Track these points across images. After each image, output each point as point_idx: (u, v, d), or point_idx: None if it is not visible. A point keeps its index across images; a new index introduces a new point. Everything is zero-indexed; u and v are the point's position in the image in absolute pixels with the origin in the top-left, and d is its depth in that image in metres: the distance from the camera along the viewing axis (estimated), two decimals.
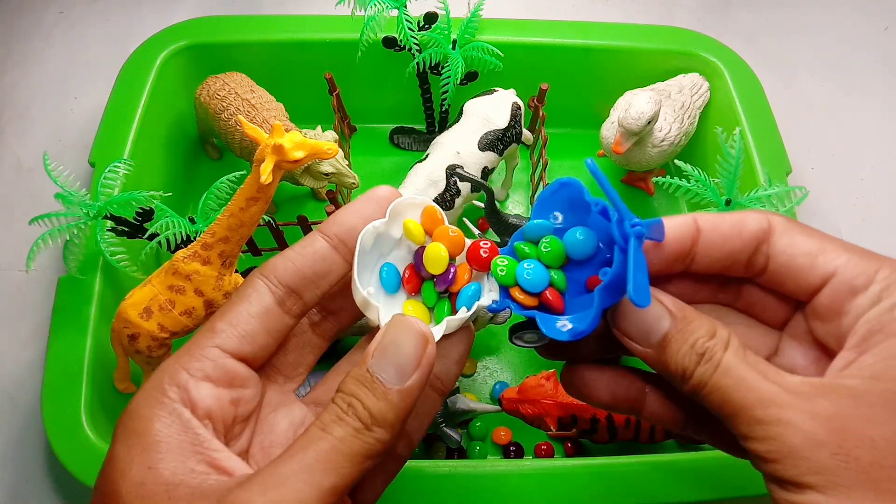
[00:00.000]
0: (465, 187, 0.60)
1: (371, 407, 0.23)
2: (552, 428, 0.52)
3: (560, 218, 0.27)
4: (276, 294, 0.27)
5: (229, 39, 0.67)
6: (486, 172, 0.62)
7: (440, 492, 0.47)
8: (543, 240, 0.27)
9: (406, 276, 0.28)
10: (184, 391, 0.24)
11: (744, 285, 0.29)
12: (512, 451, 0.58)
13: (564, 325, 0.26)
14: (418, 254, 0.28)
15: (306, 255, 0.27)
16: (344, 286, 0.28)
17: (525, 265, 0.27)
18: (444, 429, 0.54)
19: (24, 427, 0.58)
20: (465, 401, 0.56)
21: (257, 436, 0.27)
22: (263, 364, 0.28)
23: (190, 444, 0.24)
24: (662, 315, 0.25)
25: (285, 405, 0.29)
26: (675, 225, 0.26)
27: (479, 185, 0.58)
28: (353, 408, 0.23)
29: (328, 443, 0.23)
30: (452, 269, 0.27)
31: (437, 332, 0.26)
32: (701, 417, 0.29)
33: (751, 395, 0.23)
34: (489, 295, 0.28)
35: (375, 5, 0.60)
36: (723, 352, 0.24)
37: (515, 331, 0.29)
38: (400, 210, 0.28)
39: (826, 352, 0.27)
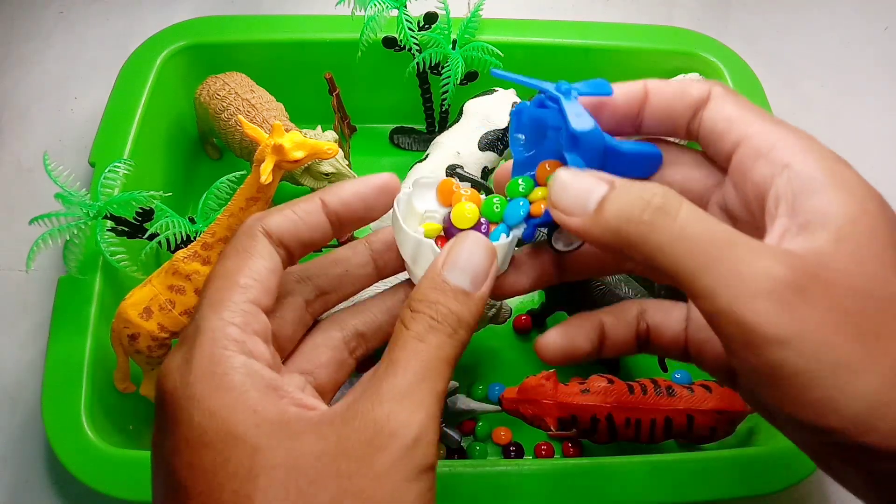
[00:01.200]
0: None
1: (456, 311, 0.26)
2: (552, 428, 0.52)
3: (523, 138, 0.30)
4: (280, 254, 0.28)
5: (229, 39, 0.67)
6: (487, 172, 0.62)
7: (440, 492, 0.46)
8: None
9: (438, 245, 0.30)
10: (241, 344, 0.25)
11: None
12: (512, 451, 0.57)
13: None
14: (447, 219, 0.30)
15: (310, 223, 0.28)
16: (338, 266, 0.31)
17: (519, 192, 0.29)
18: (445, 429, 0.54)
19: (24, 427, 0.58)
20: (466, 401, 0.56)
21: None
22: None
23: (273, 390, 0.24)
24: (598, 184, 0.25)
25: None
26: (626, 87, 0.28)
27: (480, 185, 0.58)
28: (441, 313, 0.25)
29: (429, 352, 0.25)
30: (483, 221, 0.29)
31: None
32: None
33: (729, 240, 0.22)
34: (514, 231, 0.29)
35: (375, 5, 0.59)
36: (679, 203, 0.23)
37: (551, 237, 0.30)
38: (419, 187, 0.31)
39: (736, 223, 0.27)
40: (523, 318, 0.63)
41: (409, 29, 0.62)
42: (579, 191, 0.25)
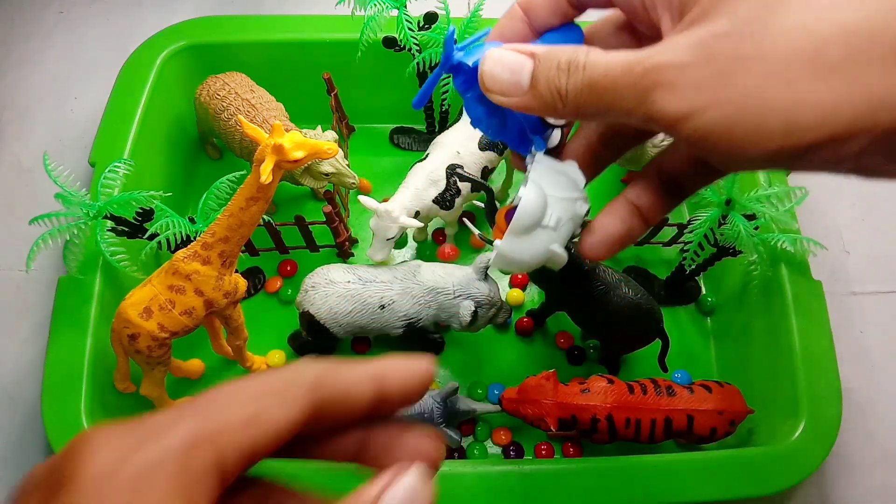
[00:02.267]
0: (465, 187, 0.60)
1: None
2: (552, 428, 0.52)
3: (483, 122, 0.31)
4: (307, 414, 0.22)
5: (229, 39, 0.67)
6: (487, 172, 0.62)
7: (440, 492, 0.46)
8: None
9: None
10: (183, 479, 0.19)
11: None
12: (512, 451, 0.58)
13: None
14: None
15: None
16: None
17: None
18: (444, 429, 0.54)
19: (24, 427, 0.58)
20: (466, 401, 0.56)
21: None
22: None
23: None
24: (523, 60, 0.26)
25: None
26: (504, 21, 0.30)
27: (479, 185, 0.58)
28: None
29: None
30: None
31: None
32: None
33: (624, 64, 0.24)
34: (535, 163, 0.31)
35: (375, 5, 0.60)
36: (586, 56, 0.25)
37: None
38: None
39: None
40: (524, 319, 0.63)
41: (409, 29, 0.62)
42: (509, 74, 0.27)
